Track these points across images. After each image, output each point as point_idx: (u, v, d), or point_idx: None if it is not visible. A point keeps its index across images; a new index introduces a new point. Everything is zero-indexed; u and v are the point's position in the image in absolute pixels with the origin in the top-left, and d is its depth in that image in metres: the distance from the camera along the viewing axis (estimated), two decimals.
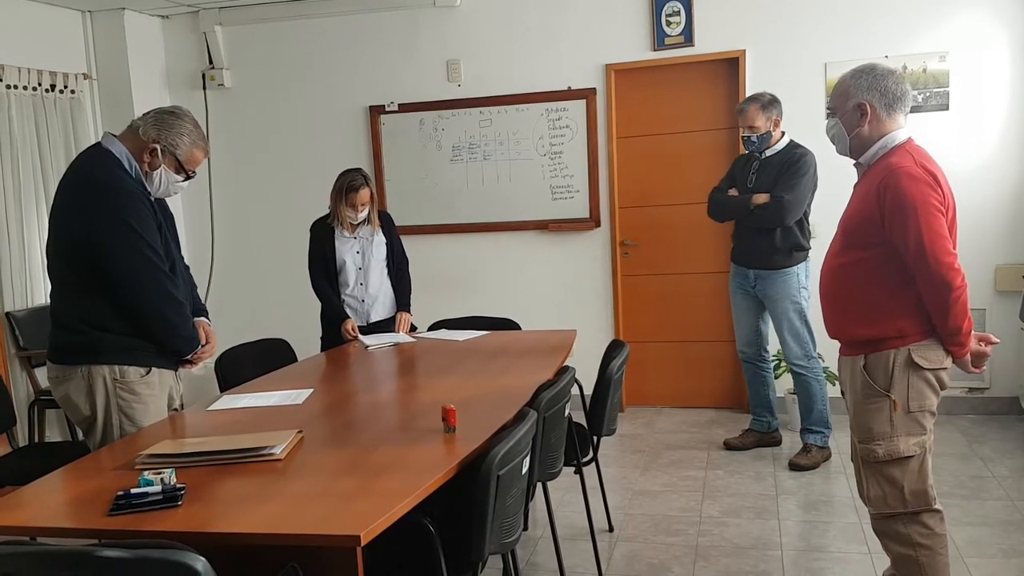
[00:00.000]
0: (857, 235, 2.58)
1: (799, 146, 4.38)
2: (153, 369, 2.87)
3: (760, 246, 4.43)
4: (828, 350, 3.56)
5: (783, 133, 4.43)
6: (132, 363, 2.82)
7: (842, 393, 2.78)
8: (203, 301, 3.44)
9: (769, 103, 4.33)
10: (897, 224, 2.44)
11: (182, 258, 3.11)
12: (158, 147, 2.77)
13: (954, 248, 2.47)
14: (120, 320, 2.77)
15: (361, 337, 4.14)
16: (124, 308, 2.76)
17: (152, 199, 2.84)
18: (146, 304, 2.77)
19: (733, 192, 4.51)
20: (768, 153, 4.41)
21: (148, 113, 2.85)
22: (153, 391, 2.87)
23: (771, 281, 4.44)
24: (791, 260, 4.40)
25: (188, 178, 2.88)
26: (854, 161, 2.67)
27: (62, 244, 2.78)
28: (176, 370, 2.99)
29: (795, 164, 4.31)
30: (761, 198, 4.34)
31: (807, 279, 4.39)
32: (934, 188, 2.45)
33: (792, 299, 4.41)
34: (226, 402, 3.01)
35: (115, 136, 2.83)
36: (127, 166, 2.78)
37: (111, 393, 2.79)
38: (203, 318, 3.14)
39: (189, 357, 2.96)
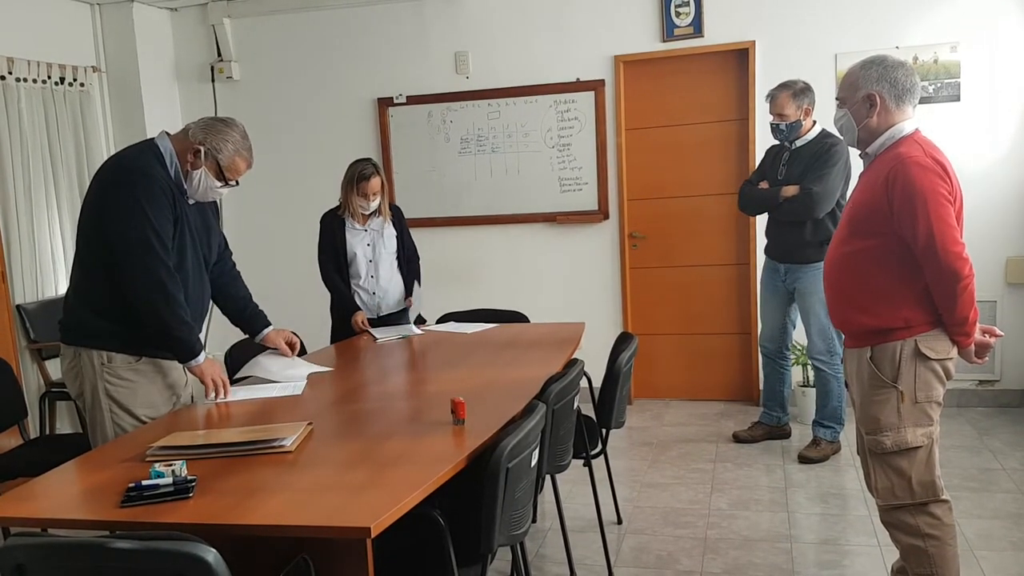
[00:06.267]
0: (864, 224, 2.58)
1: (830, 135, 4.23)
2: (144, 357, 2.87)
3: (791, 240, 4.36)
4: None
5: (815, 123, 4.33)
6: (121, 350, 2.84)
7: (846, 385, 2.78)
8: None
9: (801, 91, 4.25)
10: (906, 213, 2.44)
11: (225, 259, 3.21)
12: (202, 149, 2.83)
13: (961, 238, 2.47)
14: (116, 306, 2.79)
15: (371, 330, 4.15)
16: (122, 290, 2.77)
17: (186, 199, 2.89)
18: (138, 288, 2.75)
19: (764, 185, 4.44)
20: (798, 143, 4.33)
21: (202, 118, 2.95)
22: (144, 378, 2.88)
23: (802, 275, 4.38)
24: (823, 254, 4.27)
25: (228, 185, 2.93)
26: (860, 151, 2.67)
27: (83, 220, 2.86)
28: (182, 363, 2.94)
29: (825, 154, 4.22)
30: (790, 190, 4.27)
31: None
32: (943, 178, 2.45)
33: (822, 294, 4.30)
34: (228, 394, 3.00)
35: (168, 135, 2.91)
36: (168, 162, 2.84)
37: (99, 376, 2.82)
38: (274, 328, 3.34)
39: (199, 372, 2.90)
